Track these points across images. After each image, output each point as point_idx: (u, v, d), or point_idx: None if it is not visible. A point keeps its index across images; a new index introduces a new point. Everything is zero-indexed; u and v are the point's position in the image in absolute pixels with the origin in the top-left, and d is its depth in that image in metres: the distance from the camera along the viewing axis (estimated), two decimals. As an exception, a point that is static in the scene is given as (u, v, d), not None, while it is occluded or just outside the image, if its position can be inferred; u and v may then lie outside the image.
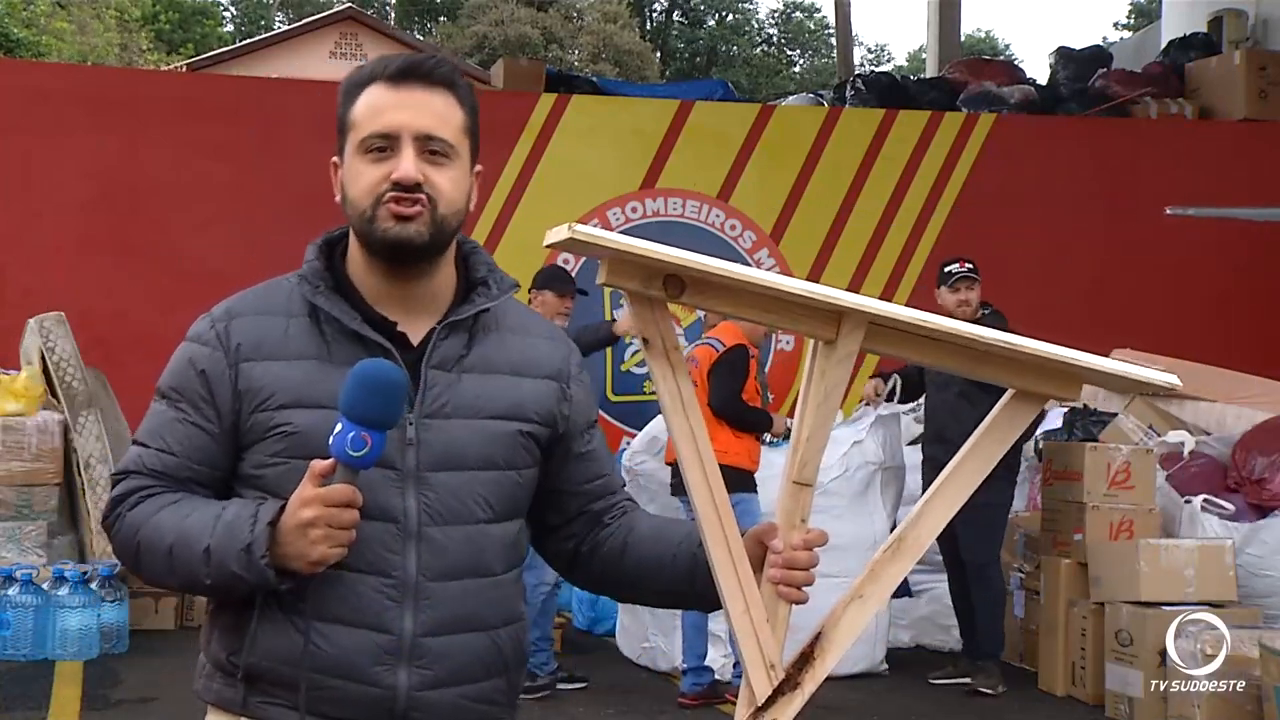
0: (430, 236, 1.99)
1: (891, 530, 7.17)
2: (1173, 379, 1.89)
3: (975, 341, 1.81)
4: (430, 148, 1.99)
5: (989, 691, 6.72)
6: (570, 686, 6.63)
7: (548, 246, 1.74)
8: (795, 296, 1.74)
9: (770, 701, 1.85)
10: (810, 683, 1.87)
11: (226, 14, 40.33)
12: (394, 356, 1.98)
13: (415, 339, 2.03)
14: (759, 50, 41.77)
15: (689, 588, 2.07)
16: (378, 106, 2.00)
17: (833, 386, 1.81)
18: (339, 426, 1.85)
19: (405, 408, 1.93)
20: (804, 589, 1.90)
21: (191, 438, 2.01)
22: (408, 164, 1.97)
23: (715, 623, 6.64)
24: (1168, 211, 10.38)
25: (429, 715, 1.98)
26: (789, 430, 6.97)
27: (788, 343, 10.60)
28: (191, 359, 2.03)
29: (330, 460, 1.86)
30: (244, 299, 2.07)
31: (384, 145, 1.99)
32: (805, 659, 1.87)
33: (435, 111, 2.00)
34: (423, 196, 1.97)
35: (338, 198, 2.06)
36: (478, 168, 2.09)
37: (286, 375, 1.98)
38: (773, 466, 6.82)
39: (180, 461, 2.01)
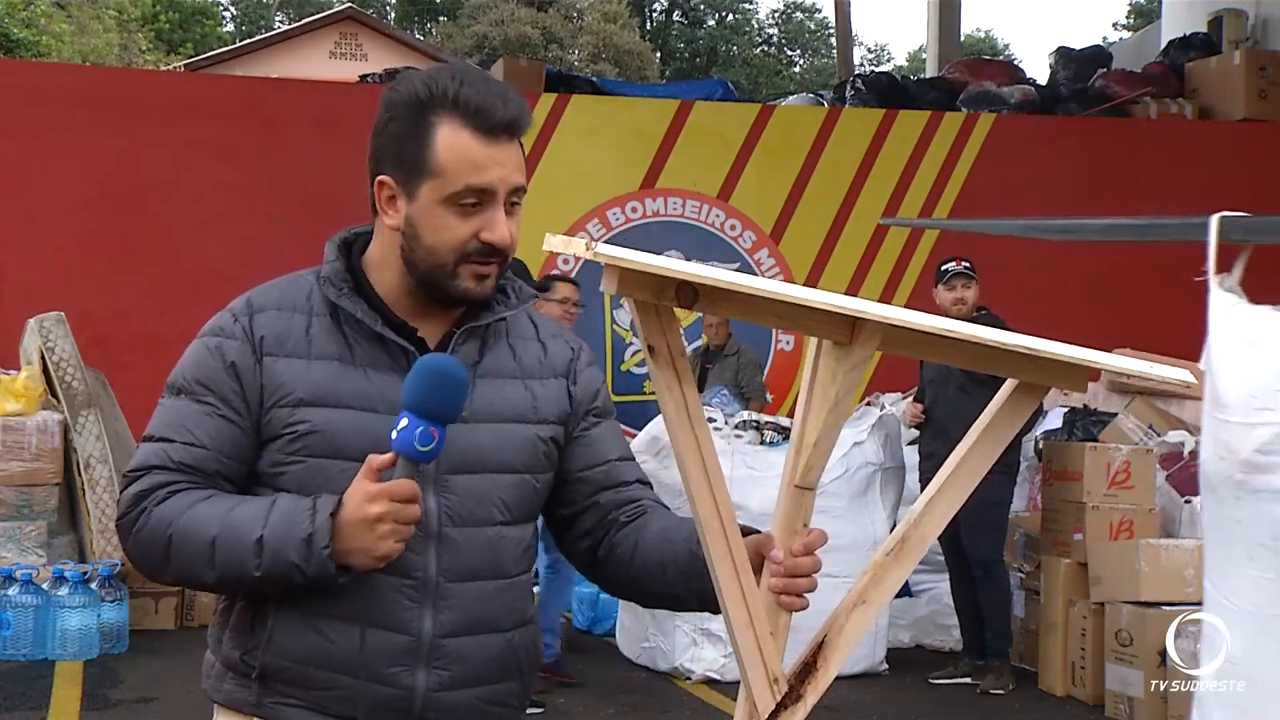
0: (493, 288, 2.03)
1: (892, 531, 7.19)
2: (1186, 375, 1.87)
3: (996, 347, 1.78)
4: (512, 199, 1.99)
5: (1000, 691, 6.73)
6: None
7: (548, 250, 1.73)
8: (811, 306, 1.71)
9: (773, 716, 1.82)
10: (813, 694, 1.83)
11: (226, 14, 40.32)
12: (414, 359, 1.97)
13: (432, 343, 2.04)
14: (759, 50, 41.75)
15: (686, 586, 2.05)
16: (474, 160, 1.95)
17: (844, 392, 1.78)
18: (404, 422, 1.84)
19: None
20: (805, 595, 1.88)
21: (222, 430, 1.98)
22: (504, 229, 1.97)
23: (715, 622, 6.64)
24: (880, 222, 10.34)
25: (445, 716, 1.98)
26: None
27: (787, 343, 10.61)
28: (221, 350, 2.00)
29: (389, 455, 1.85)
30: (265, 294, 2.05)
31: (476, 200, 1.96)
32: (808, 669, 1.84)
33: (518, 163, 2.00)
34: (502, 255, 1.99)
35: (390, 222, 2.01)
36: None
37: (308, 374, 1.98)
38: (774, 468, 6.82)
39: (211, 454, 1.98)
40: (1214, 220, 4.16)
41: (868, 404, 8.21)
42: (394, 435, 1.84)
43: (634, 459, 2.24)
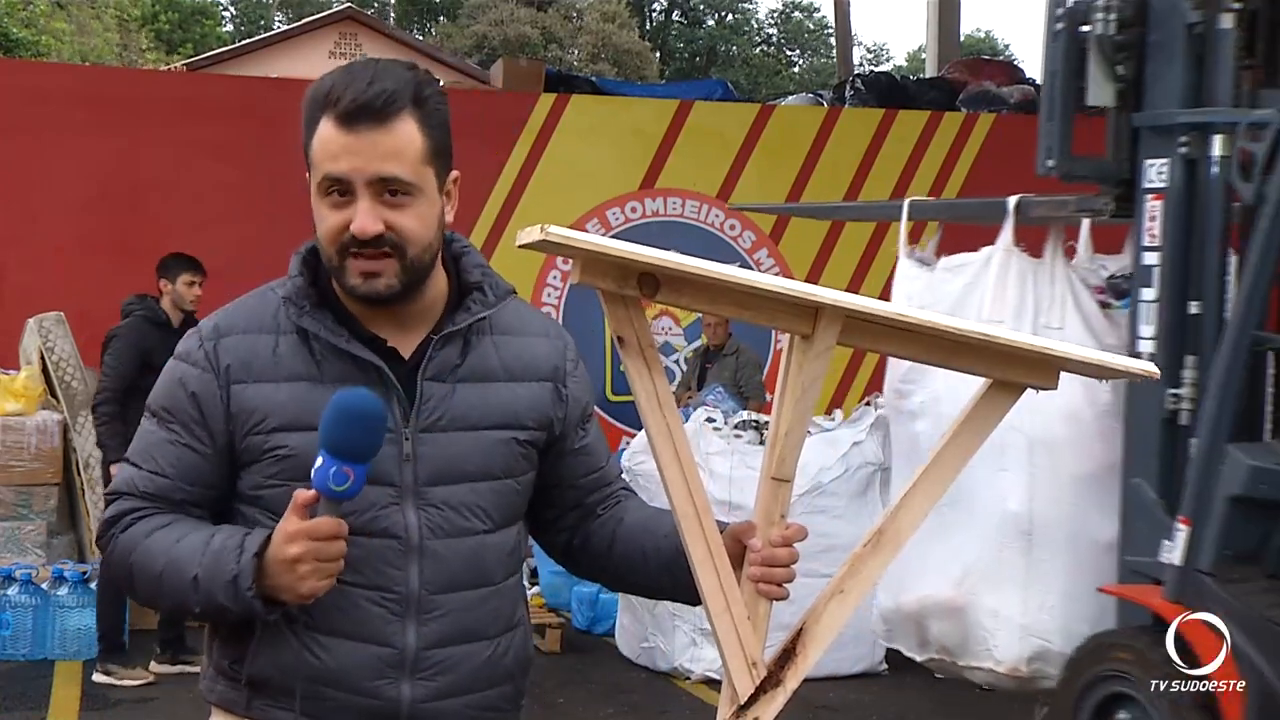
0: (402, 285, 1.93)
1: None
2: (1151, 368, 1.89)
3: (949, 333, 1.80)
4: (389, 189, 1.90)
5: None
6: None
7: (520, 247, 1.71)
8: (769, 293, 1.73)
9: (753, 699, 1.83)
10: (792, 679, 1.84)
11: (226, 14, 40.33)
12: (385, 373, 1.95)
13: (407, 351, 1.99)
14: (758, 50, 41.75)
15: (671, 579, 2.05)
16: (330, 149, 1.90)
17: (810, 381, 1.80)
18: (320, 461, 1.80)
19: (391, 433, 1.90)
20: (787, 586, 1.88)
21: (183, 459, 1.98)
22: (364, 218, 1.89)
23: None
24: (729, 206, 10.39)
25: None
26: None
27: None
28: (182, 380, 1.99)
29: (313, 492, 1.82)
30: (232, 315, 2.02)
31: (340, 190, 1.90)
32: (787, 655, 1.85)
33: (390, 151, 1.89)
34: (387, 248, 1.90)
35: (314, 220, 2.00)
36: (454, 174, 2.01)
37: (278, 397, 1.95)
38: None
39: (173, 484, 1.98)
40: (906, 203, 6.11)
41: (867, 404, 8.20)
42: (312, 474, 1.81)
43: (610, 452, 2.25)
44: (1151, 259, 4.91)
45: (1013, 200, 5.40)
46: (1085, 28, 4.99)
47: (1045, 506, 5.00)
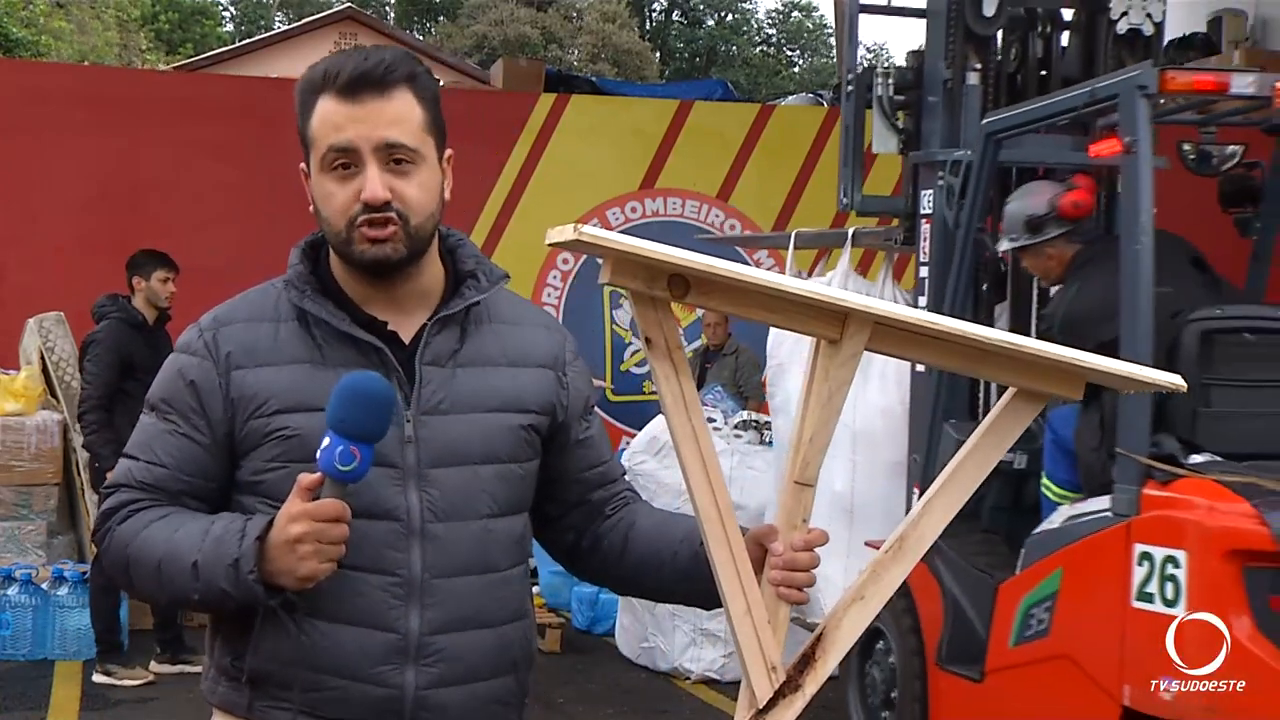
0: (407, 251, 1.97)
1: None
2: (1176, 379, 1.88)
3: (978, 341, 1.80)
4: (394, 156, 1.94)
5: None
6: None
7: (550, 245, 1.72)
8: (798, 297, 1.73)
9: (771, 704, 1.83)
10: (811, 684, 1.85)
11: (226, 14, 40.32)
12: (386, 355, 1.97)
13: (407, 336, 2.02)
14: (758, 50, 41.74)
15: (688, 586, 2.07)
16: (333, 121, 1.95)
17: (837, 387, 1.80)
18: (326, 441, 1.81)
19: (394, 416, 1.90)
20: (805, 590, 1.88)
21: (182, 449, 1.98)
22: (374, 184, 1.93)
23: (714, 622, 6.65)
24: (695, 239, 10.49)
25: (438, 715, 1.97)
26: None
27: (787, 343, 10.60)
28: (181, 370, 2.00)
29: (318, 474, 1.83)
30: (232, 306, 2.05)
31: (346, 161, 1.94)
32: (806, 660, 1.85)
33: (392, 118, 1.94)
34: (394, 214, 1.94)
35: (311, 209, 2.02)
36: (449, 153, 2.05)
37: (280, 380, 1.96)
38: (774, 467, 6.82)
39: (171, 474, 1.98)
40: (793, 233, 7.40)
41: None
42: (318, 455, 1.82)
43: (613, 451, 2.26)
44: (925, 273, 5.76)
45: (850, 230, 6.70)
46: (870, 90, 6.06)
47: (864, 487, 5.96)
